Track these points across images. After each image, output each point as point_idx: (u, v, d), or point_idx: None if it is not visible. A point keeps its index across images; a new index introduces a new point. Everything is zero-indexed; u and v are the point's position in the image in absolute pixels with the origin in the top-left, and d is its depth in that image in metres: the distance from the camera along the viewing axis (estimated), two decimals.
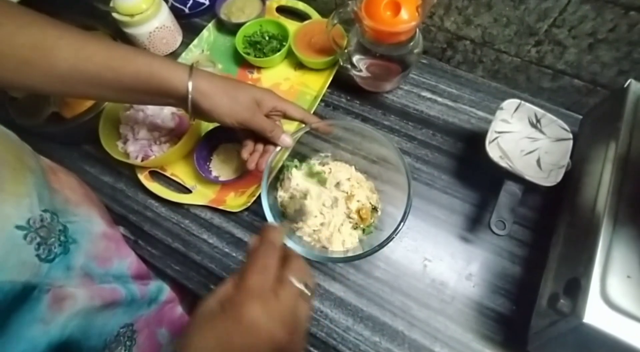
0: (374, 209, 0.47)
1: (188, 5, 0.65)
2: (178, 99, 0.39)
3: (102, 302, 0.36)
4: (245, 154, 0.44)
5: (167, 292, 0.48)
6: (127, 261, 0.44)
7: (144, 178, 0.52)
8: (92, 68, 0.34)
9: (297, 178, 0.47)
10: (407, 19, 0.44)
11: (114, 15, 0.56)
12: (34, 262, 0.30)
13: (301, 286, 0.26)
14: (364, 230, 0.46)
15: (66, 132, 0.53)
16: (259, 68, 0.61)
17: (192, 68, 0.38)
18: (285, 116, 0.45)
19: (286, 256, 0.28)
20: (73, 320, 0.33)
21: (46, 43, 0.33)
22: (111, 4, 0.56)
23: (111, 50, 0.36)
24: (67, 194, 0.39)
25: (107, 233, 0.42)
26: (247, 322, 0.23)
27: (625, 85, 0.42)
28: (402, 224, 0.38)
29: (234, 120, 0.40)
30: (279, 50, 0.59)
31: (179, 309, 0.51)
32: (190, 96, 0.38)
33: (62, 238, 0.34)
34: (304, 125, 0.45)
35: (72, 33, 0.34)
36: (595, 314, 0.31)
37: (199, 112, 0.40)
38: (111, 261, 0.41)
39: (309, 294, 0.27)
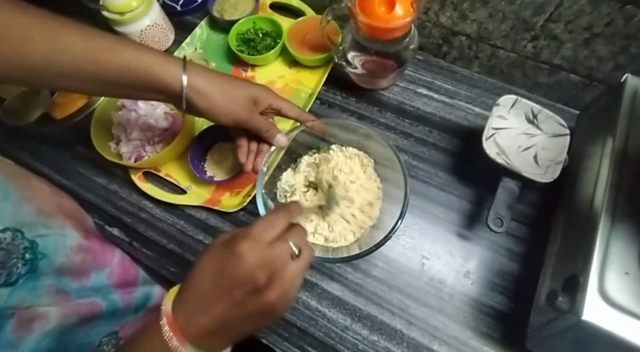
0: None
1: (180, 2, 0.64)
2: (170, 96, 0.36)
3: (79, 318, 0.35)
4: (242, 157, 0.43)
5: (156, 297, 0.47)
6: (107, 270, 0.42)
7: (137, 179, 0.52)
8: (71, 60, 0.31)
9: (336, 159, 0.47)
10: (402, 14, 0.43)
11: (104, 13, 0.55)
12: None
13: (294, 248, 0.29)
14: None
15: (57, 133, 0.52)
16: (252, 66, 0.61)
17: (185, 62, 0.35)
18: (280, 114, 0.43)
19: (293, 225, 0.31)
20: (46, 339, 0.31)
21: (13, 32, 0.29)
22: (101, 2, 0.55)
23: (92, 41, 0.32)
24: (39, 204, 0.36)
25: (83, 246, 0.40)
26: (236, 253, 0.27)
27: (622, 80, 0.41)
28: (399, 222, 0.38)
29: (230, 120, 0.39)
30: (272, 48, 0.58)
31: None
32: (184, 94, 0.35)
33: (27, 256, 0.32)
34: (298, 123, 0.45)
35: (44, 20, 0.31)
36: (594, 311, 0.30)
37: (193, 110, 0.37)
38: (88, 274, 0.39)
39: (299, 256, 0.29)
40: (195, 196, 0.51)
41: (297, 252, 0.29)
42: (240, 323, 0.27)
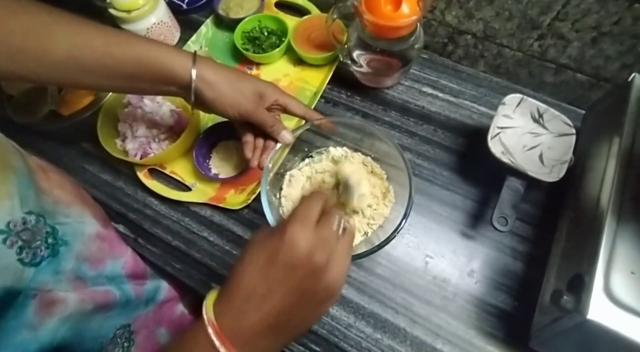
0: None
1: (186, 0, 0.65)
2: (180, 87, 0.37)
3: (95, 305, 0.36)
4: (248, 152, 0.43)
5: (165, 291, 0.48)
6: (122, 260, 0.43)
7: (143, 176, 0.52)
8: (90, 55, 0.33)
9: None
10: (408, 13, 0.43)
11: (111, 11, 0.55)
12: (16, 266, 0.29)
13: (341, 222, 0.28)
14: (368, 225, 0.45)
15: (64, 130, 0.53)
16: (258, 64, 0.61)
17: (195, 55, 0.37)
18: (286, 111, 0.43)
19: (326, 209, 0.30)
20: (64, 324, 0.32)
21: (39, 29, 0.31)
22: (108, 0, 0.55)
23: (109, 36, 0.34)
24: (58, 194, 0.38)
25: (101, 233, 0.41)
26: (287, 238, 0.25)
27: (629, 79, 0.41)
28: (404, 221, 0.38)
29: (237, 112, 0.39)
30: (278, 46, 0.58)
31: (179, 308, 0.51)
32: (193, 84, 0.37)
33: (50, 240, 0.33)
34: (303, 121, 0.45)
35: (67, 18, 0.33)
36: (599, 310, 0.30)
37: (201, 101, 0.38)
38: (104, 262, 0.40)
39: (348, 227, 0.28)
40: (200, 193, 0.52)
41: (343, 228, 0.28)
42: (297, 314, 0.26)
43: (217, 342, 0.24)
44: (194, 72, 0.36)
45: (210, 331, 0.24)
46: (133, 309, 0.42)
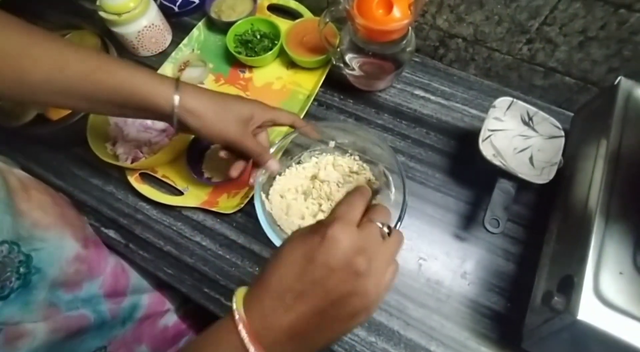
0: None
1: (177, 3, 0.64)
2: (163, 115, 0.36)
3: (67, 332, 0.35)
4: (235, 173, 0.42)
5: (144, 308, 0.47)
6: (100, 279, 0.42)
7: (134, 180, 0.51)
8: (68, 79, 0.32)
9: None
10: (399, 17, 0.43)
11: (101, 14, 0.55)
12: None
13: (384, 228, 0.26)
14: None
15: (53, 134, 0.52)
16: (250, 67, 0.61)
17: (178, 82, 0.35)
18: (275, 124, 0.43)
19: (373, 205, 0.29)
20: None
21: (15, 51, 0.30)
22: (97, 3, 0.55)
23: (89, 61, 0.33)
24: (37, 216, 0.36)
25: (80, 255, 0.40)
26: (328, 237, 0.24)
27: (616, 83, 0.42)
28: (398, 224, 0.38)
29: (223, 141, 0.38)
30: (270, 49, 0.58)
31: (160, 323, 0.50)
32: (176, 113, 0.35)
33: (22, 270, 0.32)
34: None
35: (47, 40, 0.32)
36: (589, 311, 0.31)
37: (185, 129, 0.37)
38: (80, 285, 0.39)
39: (394, 232, 0.27)
40: (192, 197, 0.51)
41: (387, 232, 0.26)
42: (327, 322, 0.24)
43: (247, 341, 0.22)
44: (176, 102, 0.35)
45: (241, 328, 0.23)
46: (109, 330, 0.41)
